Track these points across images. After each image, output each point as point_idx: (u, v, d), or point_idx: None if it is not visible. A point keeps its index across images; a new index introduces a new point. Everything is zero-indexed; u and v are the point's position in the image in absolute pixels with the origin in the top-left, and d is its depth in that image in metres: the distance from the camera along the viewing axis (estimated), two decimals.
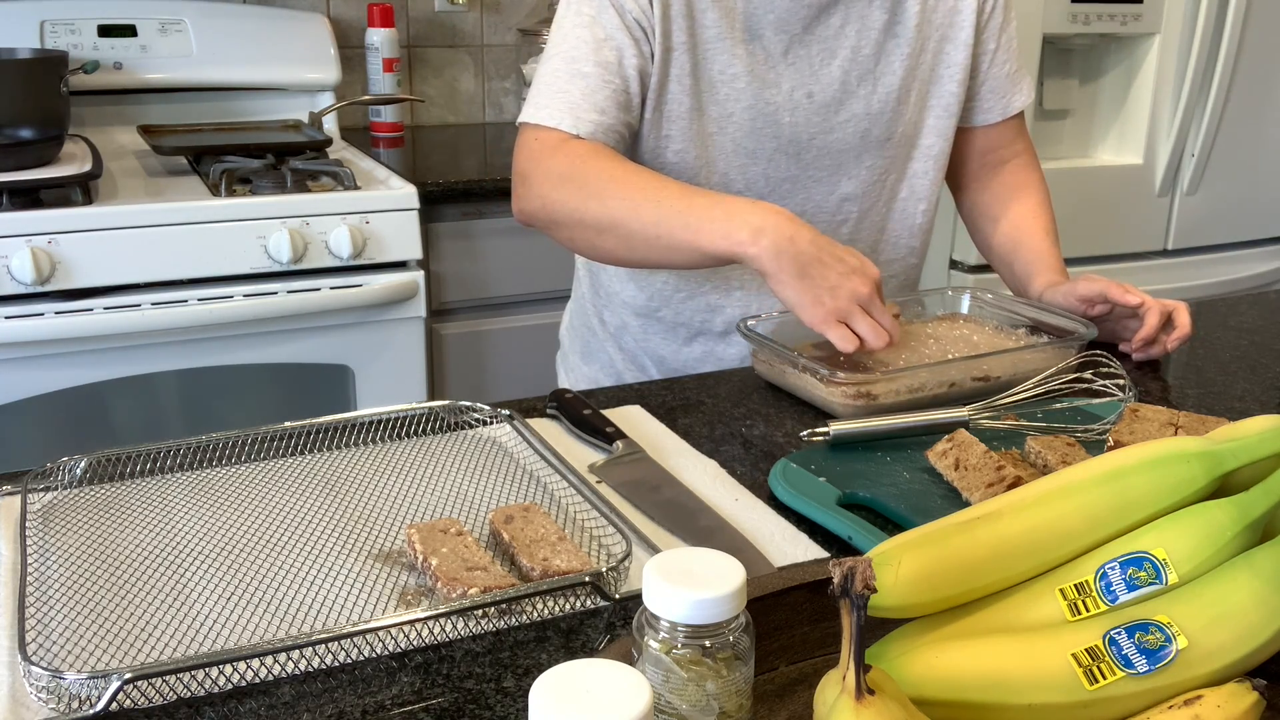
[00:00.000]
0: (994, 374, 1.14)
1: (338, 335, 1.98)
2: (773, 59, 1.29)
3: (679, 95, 1.28)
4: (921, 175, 1.40)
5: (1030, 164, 1.49)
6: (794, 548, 0.87)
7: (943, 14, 1.35)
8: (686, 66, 1.27)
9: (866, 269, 1.12)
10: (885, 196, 1.39)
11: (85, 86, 2.22)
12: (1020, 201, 1.45)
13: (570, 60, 1.24)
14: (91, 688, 0.67)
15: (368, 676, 0.72)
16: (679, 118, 1.29)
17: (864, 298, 1.11)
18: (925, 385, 1.11)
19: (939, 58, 1.37)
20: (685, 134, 1.29)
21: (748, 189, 1.32)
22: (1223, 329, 1.43)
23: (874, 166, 1.36)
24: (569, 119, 1.22)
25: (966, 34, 1.36)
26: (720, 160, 1.31)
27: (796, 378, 1.14)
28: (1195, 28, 2.41)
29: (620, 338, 1.45)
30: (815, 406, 1.13)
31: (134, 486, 0.94)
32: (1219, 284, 2.65)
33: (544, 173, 1.23)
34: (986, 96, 1.43)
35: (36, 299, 1.77)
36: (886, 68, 1.33)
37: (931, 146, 1.40)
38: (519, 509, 0.87)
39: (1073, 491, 0.67)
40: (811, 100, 1.31)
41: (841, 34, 1.30)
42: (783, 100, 1.30)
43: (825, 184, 1.35)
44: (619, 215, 1.18)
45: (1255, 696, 0.60)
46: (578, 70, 1.24)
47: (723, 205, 1.15)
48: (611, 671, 0.52)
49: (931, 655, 0.62)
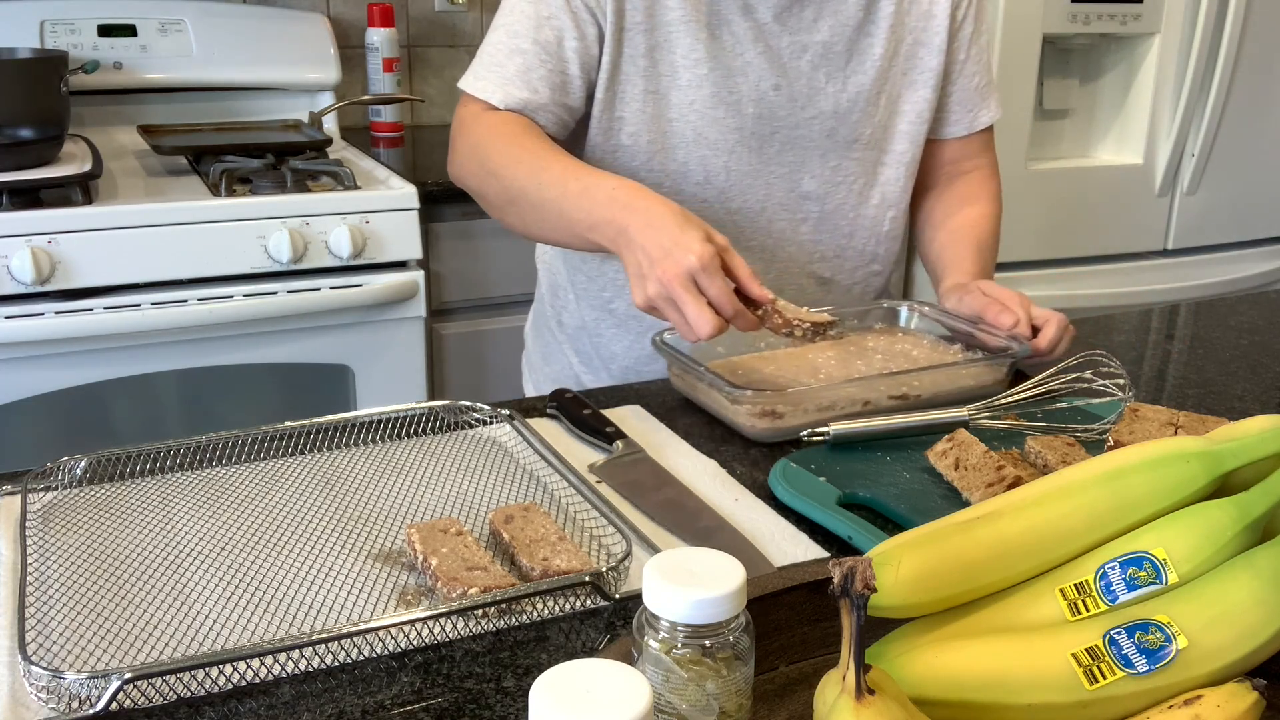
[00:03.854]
0: (914, 392, 1.09)
1: (338, 335, 1.98)
2: (740, 46, 1.26)
3: (633, 77, 1.25)
4: (893, 182, 1.37)
5: (989, 177, 1.47)
6: (794, 548, 0.87)
7: (916, 16, 1.33)
8: (642, 48, 1.24)
9: (677, 252, 1.01)
10: (853, 201, 1.36)
11: (85, 86, 2.22)
12: (962, 211, 1.42)
13: (511, 34, 1.23)
14: (91, 688, 0.67)
15: (368, 676, 0.72)
16: (633, 99, 1.26)
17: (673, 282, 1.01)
18: (836, 404, 1.06)
19: (912, 61, 1.34)
20: (640, 117, 1.27)
21: (707, 181, 1.29)
22: (1223, 329, 1.43)
23: (839, 168, 1.33)
24: (498, 94, 1.22)
25: (940, 39, 1.34)
26: (680, 149, 1.28)
27: (706, 394, 1.09)
28: (1195, 28, 2.41)
29: (577, 340, 1.43)
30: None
31: (134, 486, 0.94)
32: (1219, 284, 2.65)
33: (463, 143, 1.24)
34: (954, 108, 1.40)
35: (36, 299, 1.77)
36: (858, 66, 1.30)
37: (904, 153, 1.37)
38: (519, 509, 0.87)
39: (1073, 491, 0.67)
40: (778, 93, 1.28)
41: (814, 28, 1.28)
42: (748, 90, 1.27)
43: (786, 180, 1.32)
44: (514, 193, 1.18)
45: (1255, 696, 0.60)
46: (516, 46, 1.22)
47: (590, 194, 1.11)
48: (611, 671, 0.52)
49: (931, 655, 0.62)
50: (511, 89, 1.22)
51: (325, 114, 2.36)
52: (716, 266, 1.01)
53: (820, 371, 1.15)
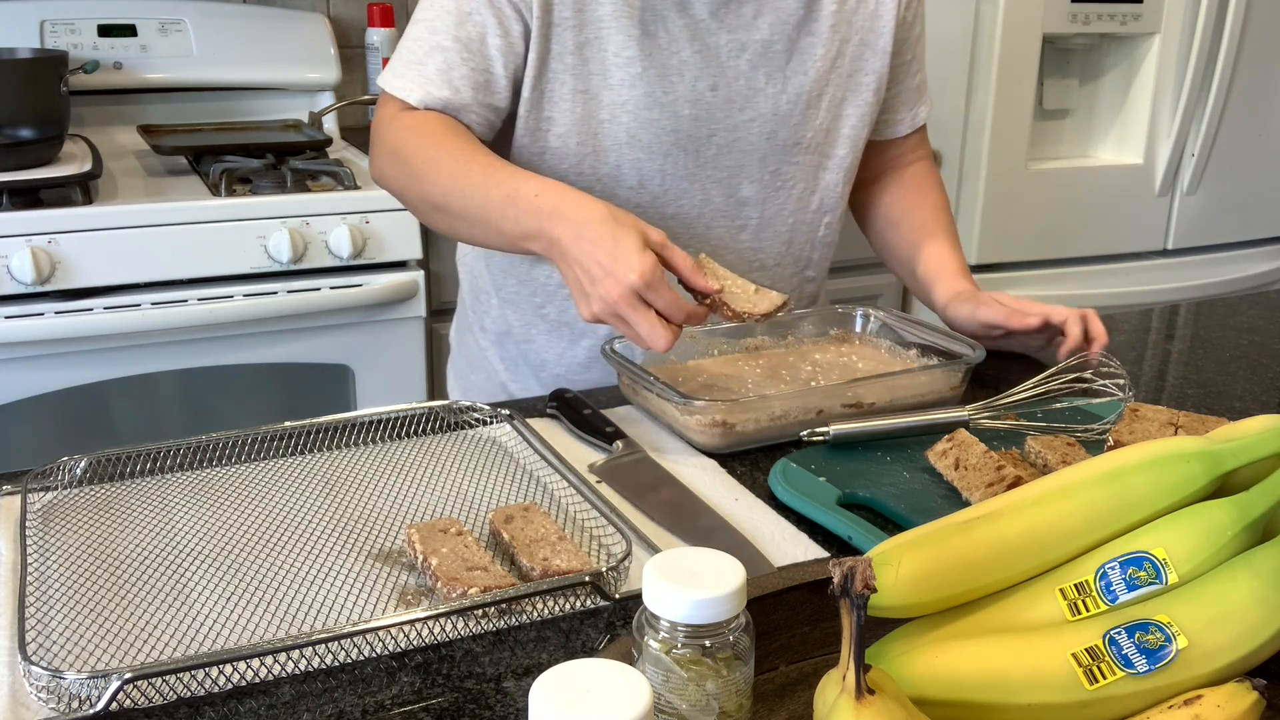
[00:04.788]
0: (866, 400, 1.07)
1: (338, 335, 1.98)
2: (676, 44, 1.20)
3: (561, 75, 1.19)
4: (833, 187, 1.33)
5: (930, 169, 1.45)
6: (794, 548, 0.87)
7: (863, 17, 1.28)
8: (570, 44, 1.18)
9: (618, 270, 0.98)
10: (792, 206, 1.31)
11: (85, 86, 2.22)
12: (920, 205, 1.40)
13: (432, 30, 1.18)
14: (91, 688, 0.67)
15: (368, 676, 0.72)
16: (561, 99, 1.20)
17: (618, 302, 0.98)
18: (789, 413, 1.04)
19: (857, 63, 1.29)
20: (569, 118, 1.21)
21: (641, 185, 1.24)
22: (1223, 329, 1.43)
23: (779, 173, 1.29)
24: (417, 93, 1.17)
25: (885, 41, 1.29)
26: (612, 152, 1.22)
27: (657, 404, 1.07)
28: (1195, 28, 2.41)
29: (502, 345, 1.37)
30: None
31: (134, 486, 0.94)
32: (1219, 284, 2.65)
33: (380, 144, 1.20)
34: (899, 108, 1.38)
35: (36, 299, 1.77)
36: (799, 66, 1.25)
37: (845, 158, 1.32)
38: (519, 509, 0.87)
39: (1073, 491, 0.67)
40: (715, 93, 1.22)
41: (754, 25, 1.22)
42: (684, 90, 1.21)
43: (724, 185, 1.27)
44: (436, 197, 1.14)
45: (1255, 696, 0.60)
46: (437, 43, 1.17)
47: (514, 203, 1.07)
48: (611, 671, 0.52)
49: (931, 655, 0.62)
50: (431, 88, 1.17)
51: (325, 114, 2.36)
52: (659, 277, 0.98)
53: (760, 380, 1.13)
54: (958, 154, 2.42)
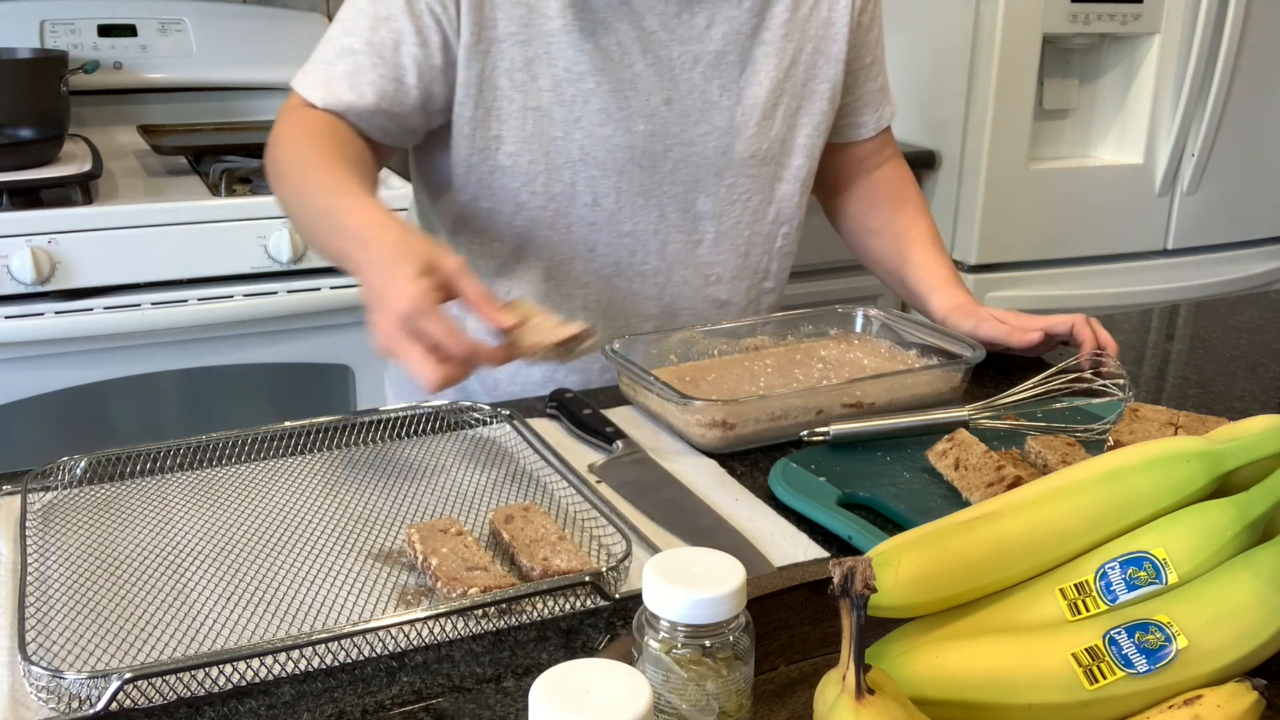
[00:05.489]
0: (867, 399, 1.07)
1: (338, 335, 1.98)
2: (629, 57, 1.17)
3: (509, 92, 1.16)
4: (789, 198, 1.31)
5: (901, 168, 1.43)
6: (794, 548, 0.87)
7: (816, 24, 1.25)
8: (519, 60, 1.15)
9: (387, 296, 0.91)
10: (748, 219, 1.29)
11: (85, 86, 2.22)
12: (899, 211, 1.39)
13: (346, 32, 1.15)
14: (91, 688, 0.67)
15: (368, 676, 0.72)
16: (510, 116, 1.17)
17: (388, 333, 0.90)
18: (789, 413, 1.04)
19: (812, 72, 1.27)
20: (519, 135, 1.18)
21: (596, 202, 1.21)
22: (1223, 329, 1.43)
23: (735, 185, 1.26)
24: (319, 91, 1.14)
25: (839, 48, 1.27)
26: (566, 169, 1.19)
27: (657, 404, 1.07)
28: (1195, 28, 2.41)
29: None
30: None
31: (134, 486, 0.94)
32: (1219, 284, 2.65)
33: (270, 141, 1.15)
34: (862, 111, 1.36)
35: (36, 299, 1.77)
36: (752, 77, 1.23)
37: (801, 168, 1.30)
38: (519, 509, 0.87)
39: (1073, 491, 0.67)
40: (670, 107, 1.20)
41: (706, 36, 1.20)
42: (638, 105, 1.19)
43: (680, 200, 1.24)
44: (286, 196, 1.12)
45: (1255, 696, 0.60)
46: (348, 46, 1.14)
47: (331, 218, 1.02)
48: (611, 671, 0.52)
49: (931, 655, 0.62)
50: (335, 89, 1.13)
51: None
52: (429, 306, 0.89)
53: (760, 380, 1.13)
54: (958, 154, 2.42)
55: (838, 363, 1.19)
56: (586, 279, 1.26)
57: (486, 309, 0.93)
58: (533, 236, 1.23)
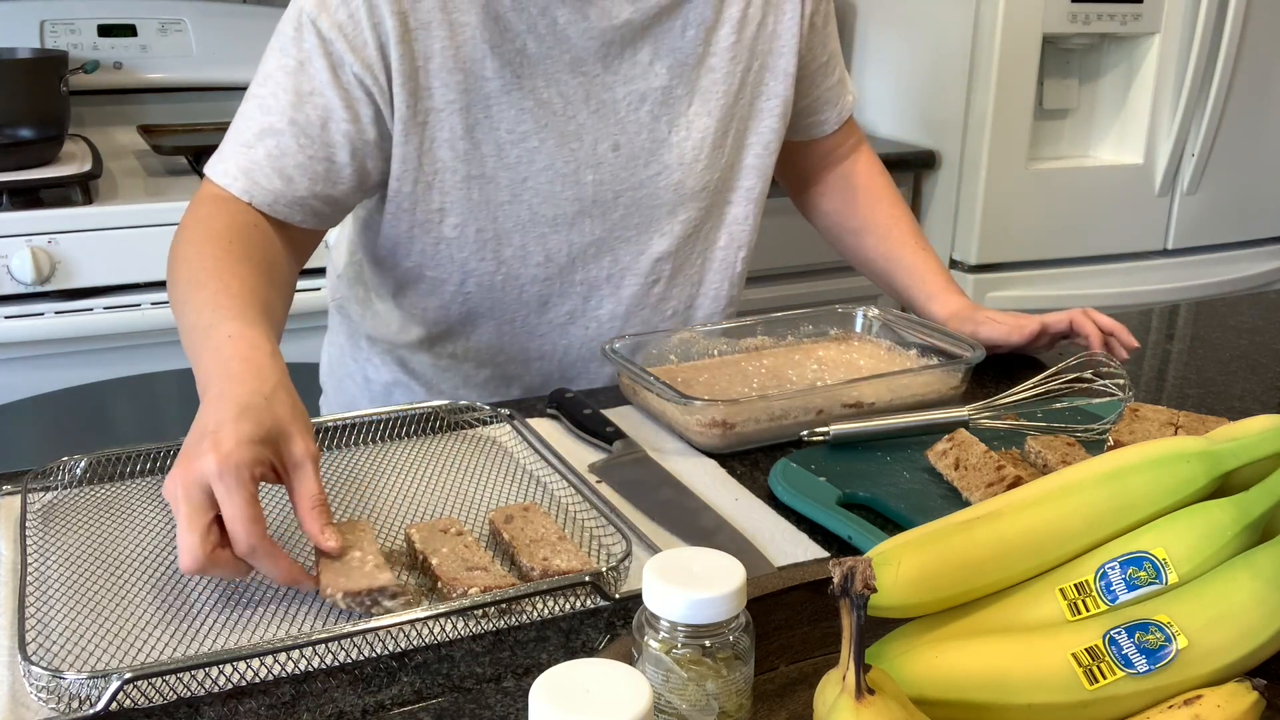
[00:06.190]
0: (867, 400, 1.07)
1: None
2: (572, 107, 1.12)
3: (451, 163, 1.09)
4: (741, 220, 1.26)
5: (869, 158, 1.40)
6: (794, 548, 0.87)
7: (763, 40, 1.20)
8: (460, 129, 1.08)
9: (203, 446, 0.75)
10: (700, 247, 1.25)
11: (85, 86, 2.22)
12: (874, 208, 1.36)
13: (264, 109, 1.05)
14: (91, 688, 0.67)
15: (368, 676, 0.72)
16: (453, 188, 1.11)
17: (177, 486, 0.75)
18: (789, 413, 1.03)
19: (758, 90, 1.22)
20: (463, 206, 1.12)
21: (548, 260, 1.17)
22: (1223, 329, 1.43)
23: (688, 220, 1.22)
24: (241, 182, 1.04)
25: (787, 61, 1.21)
26: (515, 233, 1.15)
27: (657, 404, 1.07)
28: (1195, 28, 2.41)
29: (392, 394, 1.28)
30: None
31: (134, 486, 0.94)
32: (1219, 284, 2.65)
33: (175, 235, 1.03)
34: (821, 109, 1.33)
35: (36, 299, 1.77)
36: (701, 108, 1.18)
37: (752, 188, 1.25)
38: (519, 509, 0.87)
39: (1073, 491, 0.67)
40: (618, 153, 1.15)
41: (650, 72, 1.14)
42: (585, 155, 1.14)
43: (635, 244, 1.20)
44: (176, 311, 0.96)
45: (1255, 696, 0.60)
46: (270, 125, 1.04)
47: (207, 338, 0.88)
48: (611, 671, 0.52)
49: (931, 655, 0.62)
50: (259, 177, 1.03)
51: None
52: (243, 478, 0.74)
53: (760, 380, 1.13)
54: (958, 154, 2.42)
55: (837, 363, 1.19)
56: (541, 330, 1.23)
57: (312, 518, 0.78)
58: (483, 299, 1.20)
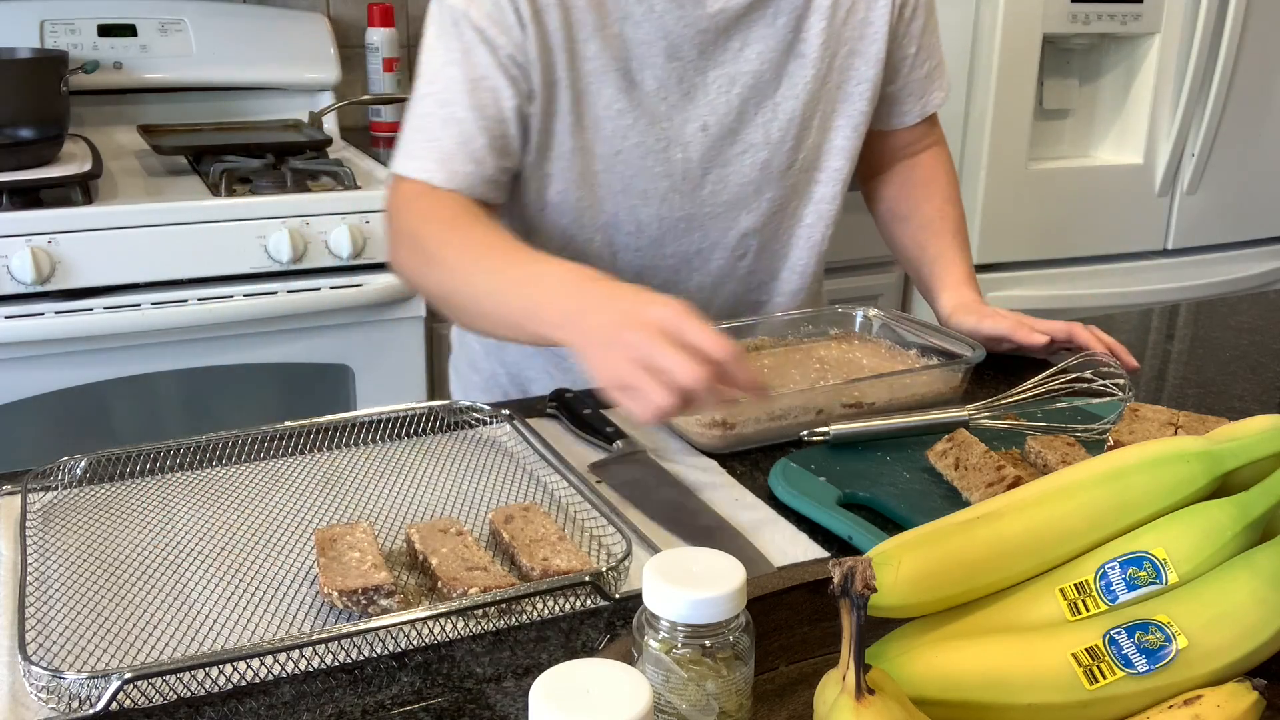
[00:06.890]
0: (867, 399, 1.07)
1: (338, 335, 1.98)
2: (664, 89, 1.18)
3: (561, 134, 1.17)
4: (827, 200, 1.30)
5: (941, 156, 1.42)
6: (794, 548, 0.87)
7: (853, 26, 1.24)
8: (567, 103, 1.16)
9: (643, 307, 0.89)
10: (788, 224, 1.30)
11: (85, 86, 2.22)
12: (928, 200, 1.38)
13: (443, 103, 1.12)
14: (91, 687, 0.67)
15: (368, 676, 0.72)
16: (560, 156, 1.18)
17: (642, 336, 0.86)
18: (789, 413, 1.04)
19: (846, 74, 1.26)
20: (567, 174, 1.19)
21: (639, 230, 1.23)
22: (1223, 329, 1.43)
23: (774, 198, 1.27)
24: (441, 172, 1.11)
25: (878, 48, 1.26)
26: (608, 201, 1.21)
27: None
28: (1195, 28, 2.41)
29: (502, 353, 1.35)
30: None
31: (134, 486, 0.94)
32: (1219, 284, 2.65)
33: (396, 231, 1.14)
34: (904, 100, 1.35)
35: (36, 299, 1.77)
36: (788, 91, 1.22)
37: (839, 169, 1.29)
38: (519, 509, 0.87)
39: (1073, 491, 0.67)
40: (706, 133, 1.21)
41: (740, 58, 1.20)
42: (674, 134, 1.20)
43: (723, 220, 1.26)
44: (449, 286, 1.08)
45: (1255, 696, 0.60)
46: (451, 114, 1.12)
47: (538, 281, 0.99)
48: (611, 671, 0.52)
49: (931, 655, 0.62)
50: (454, 164, 1.11)
51: (325, 114, 2.36)
52: (694, 313, 0.87)
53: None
54: (958, 154, 2.42)
55: (838, 363, 1.19)
56: None
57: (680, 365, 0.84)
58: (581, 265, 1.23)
